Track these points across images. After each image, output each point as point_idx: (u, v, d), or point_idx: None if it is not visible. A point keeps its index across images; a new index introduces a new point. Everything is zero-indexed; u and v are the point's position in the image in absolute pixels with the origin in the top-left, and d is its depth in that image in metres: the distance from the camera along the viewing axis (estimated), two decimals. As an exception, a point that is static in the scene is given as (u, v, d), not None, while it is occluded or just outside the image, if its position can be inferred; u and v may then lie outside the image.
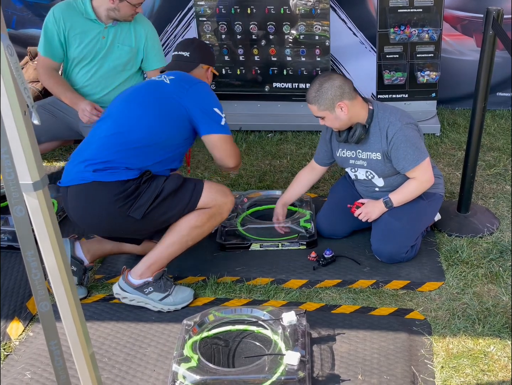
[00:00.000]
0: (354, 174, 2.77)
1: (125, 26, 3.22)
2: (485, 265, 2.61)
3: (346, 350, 2.16)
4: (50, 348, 1.30)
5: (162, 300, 2.42)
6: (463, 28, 4.35)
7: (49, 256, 1.30)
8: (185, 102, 2.39)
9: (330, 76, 2.53)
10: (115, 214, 2.31)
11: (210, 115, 2.42)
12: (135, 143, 2.34)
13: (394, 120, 2.55)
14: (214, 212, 2.42)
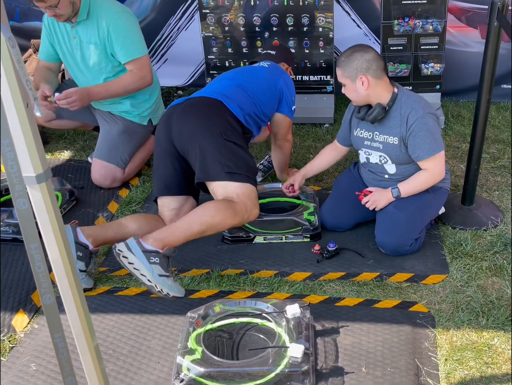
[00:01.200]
0: (366, 157, 2.76)
1: (90, 23, 3.04)
2: (489, 258, 2.60)
3: (350, 342, 2.16)
4: (54, 341, 1.31)
5: (161, 277, 2.30)
6: (467, 19, 4.32)
7: (52, 248, 1.29)
8: (280, 84, 2.95)
9: (364, 48, 2.55)
10: (214, 130, 2.58)
11: (290, 100, 3.01)
12: (247, 91, 2.83)
13: (417, 107, 2.54)
14: (241, 211, 2.45)
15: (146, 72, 3.14)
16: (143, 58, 3.10)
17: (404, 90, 2.65)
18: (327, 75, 4.14)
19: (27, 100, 1.15)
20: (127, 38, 3.04)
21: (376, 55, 2.53)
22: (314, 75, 4.16)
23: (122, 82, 3.12)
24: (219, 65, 4.22)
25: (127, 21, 3.06)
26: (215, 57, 4.19)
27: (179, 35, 4.59)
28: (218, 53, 4.18)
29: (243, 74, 2.96)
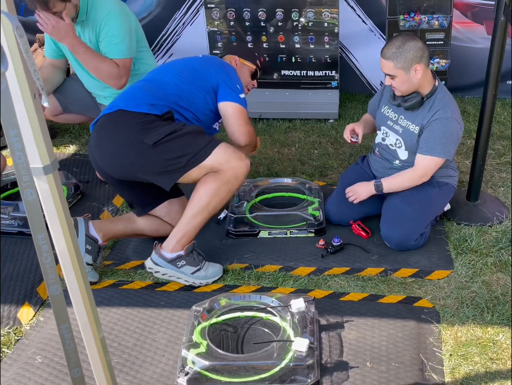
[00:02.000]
0: (382, 137, 2.76)
1: (88, 22, 3.02)
2: (494, 254, 2.60)
3: (354, 337, 2.16)
4: (61, 332, 1.31)
5: (194, 273, 2.48)
6: (473, 15, 4.31)
7: (59, 240, 1.30)
8: (213, 74, 2.62)
9: (412, 36, 2.52)
10: (129, 141, 2.38)
11: (231, 86, 2.62)
12: (163, 88, 2.56)
13: (447, 108, 2.54)
14: (229, 176, 2.39)
15: (124, 74, 3.06)
16: (125, 60, 3.05)
17: (443, 86, 2.64)
18: (332, 71, 4.14)
19: (35, 91, 1.15)
20: (114, 37, 2.99)
21: (424, 43, 2.53)
22: (319, 71, 4.15)
23: (101, 61, 3.00)
24: (224, 60, 4.21)
25: (119, 22, 3.00)
26: (220, 52, 4.19)
27: (184, 30, 4.58)
28: (223, 48, 4.17)
29: (166, 69, 2.71)
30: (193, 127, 2.48)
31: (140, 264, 2.63)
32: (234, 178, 2.42)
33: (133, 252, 2.73)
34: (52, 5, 2.80)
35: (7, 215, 2.86)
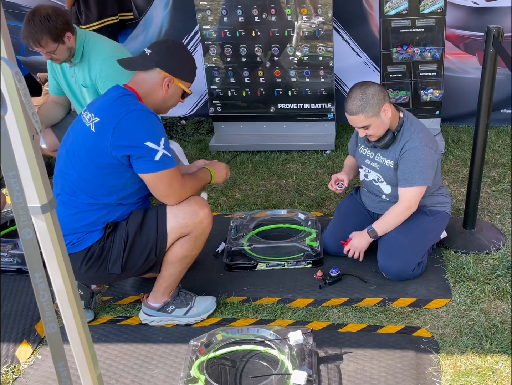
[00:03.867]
0: (365, 174, 2.81)
1: (83, 65, 3.05)
2: (492, 282, 2.60)
3: (353, 369, 2.16)
4: (57, 370, 1.32)
5: (186, 313, 2.49)
6: (465, 46, 4.39)
7: (57, 277, 1.32)
8: (113, 150, 2.13)
9: (366, 83, 2.56)
10: (99, 277, 2.36)
11: (140, 152, 2.12)
12: (84, 204, 2.26)
13: (415, 138, 2.58)
14: (195, 235, 2.32)
15: None
16: None
17: (409, 114, 2.69)
18: (328, 103, 4.20)
19: (33, 133, 1.19)
20: (109, 83, 2.95)
21: (377, 84, 2.59)
22: (315, 103, 4.22)
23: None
24: (222, 95, 4.28)
25: (114, 69, 2.90)
26: (217, 87, 4.26)
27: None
28: (221, 83, 4.25)
29: (67, 172, 2.28)
30: (133, 218, 2.30)
31: (138, 299, 2.64)
32: (200, 234, 2.33)
33: (131, 287, 2.74)
34: (44, 43, 2.85)
35: (6, 252, 2.88)
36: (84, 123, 2.24)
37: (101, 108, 2.22)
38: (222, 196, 3.61)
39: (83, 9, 4.18)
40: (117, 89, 2.26)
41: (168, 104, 2.32)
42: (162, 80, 2.22)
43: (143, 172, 2.18)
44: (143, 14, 4.56)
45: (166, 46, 2.28)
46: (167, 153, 2.16)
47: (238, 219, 3.08)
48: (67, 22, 2.93)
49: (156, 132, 2.15)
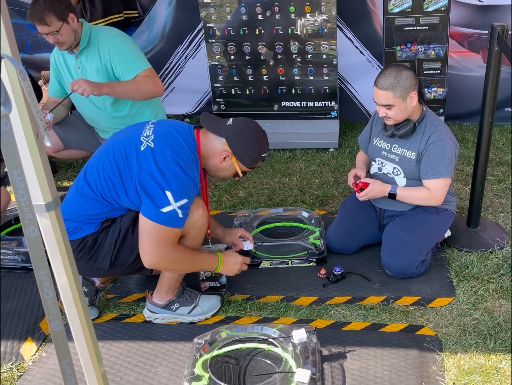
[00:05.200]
0: (379, 167, 2.78)
1: (91, 49, 3.12)
2: (495, 280, 2.60)
3: (357, 367, 2.16)
4: (62, 367, 1.32)
5: (191, 312, 2.49)
6: (469, 44, 4.38)
7: (61, 275, 1.32)
8: (139, 175, 2.17)
9: (403, 66, 2.58)
10: (88, 269, 2.36)
11: (155, 194, 2.13)
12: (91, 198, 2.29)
13: (441, 130, 2.61)
14: (191, 236, 2.31)
15: (157, 79, 3.18)
16: (149, 69, 3.14)
17: (431, 110, 2.71)
18: (331, 101, 4.20)
19: (37, 131, 1.19)
20: (129, 56, 3.09)
21: (413, 71, 2.60)
22: (318, 101, 4.22)
23: (136, 82, 3.10)
24: (225, 93, 4.29)
25: (125, 42, 3.14)
26: (221, 85, 4.27)
27: (186, 63, 4.67)
28: (224, 81, 4.25)
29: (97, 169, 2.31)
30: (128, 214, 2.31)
31: (142, 297, 2.64)
32: (197, 234, 2.32)
33: (136, 285, 2.74)
34: (49, 20, 2.93)
35: (11, 250, 2.89)
36: (141, 134, 2.27)
37: (163, 138, 2.23)
38: (225, 194, 3.61)
39: (88, 6, 4.18)
40: (189, 132, 2.30)
41: (218, 174, 2.41)
42: (222, 151, 2.30)
43: (143, 214, 2.16)
44: (147, 11, 4.56)
45: (244, 125, 2.33)
46: (179, 213, 2.14)
47: (242, 217, 3.08)
48: (70, 4, 3.10)
49: (183, 192, 2.15)
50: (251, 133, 2.34)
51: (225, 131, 2.30)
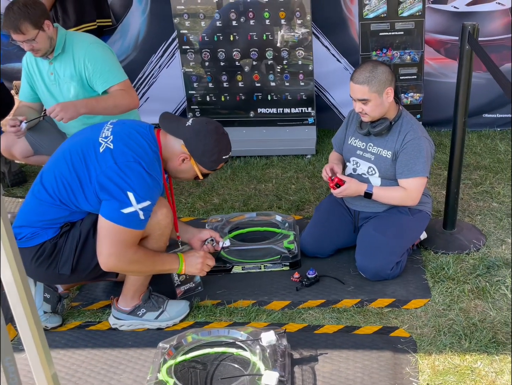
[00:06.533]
0: (353, 167, 2.74)
1: (66, 56, 3.03)
2: (471, 281, 2.54)
3: (328, 370, 2.08)
4: (4, 365, 1.23)
5: (158, 317, 2.40)
6: (446, 51, 4.38)
7: (5, 270, 1.25)
8: (99, 177, 2.10)
9: (379, 61, 2.58)
10: (49, 276, 2.28)
11: (116, 195, 2.06)
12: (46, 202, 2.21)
13: (416, 129, 2.59)
14: (155, 236, 2.24)
15: (133, 92, 3.12)
16: (125, 82, 3.07)
17: (407, 111, 2.68)
18: (308, 107, 4.16)
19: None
20: (104, 66, 3.01)
21: (390, 67, 2.57)
22: (295, 108, 4.18)
23: (113, 98, 3.02)
24: (200, 100, 4.23)
25: (102, 51, 3.05)
26: (196, 92, 4.22)
27: (160, 73, 4.62)
28: (199, 88, 4.20)
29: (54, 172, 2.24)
30: (88, 217, 2.23)
31: (108, 304, 2.54)
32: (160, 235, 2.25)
33: (102, 292, 2.64)
34: (24, 29, 2.84)
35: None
36: (98, 135, 2.20)
37: (123, 139, 2.16)
38: (199, 200, 3.53)
39: (60, 14, 4.13)
40: (149, 132, 2.24)
41: (178, 176, 2.35)
42: (180, 153, 2.23)
43: (103, 215, 2.08)
44: (120, 20, 4.52)
45: (203, 126, 2.26)
46: (140, 215, 2.07)
47: (214, 223, 3.00)
48: (45, 10, 3.00)
49: (146, 194, 2.08)
50: (210, 134, 2.25)
51: (183, 132, 2.24)
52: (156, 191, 2.15)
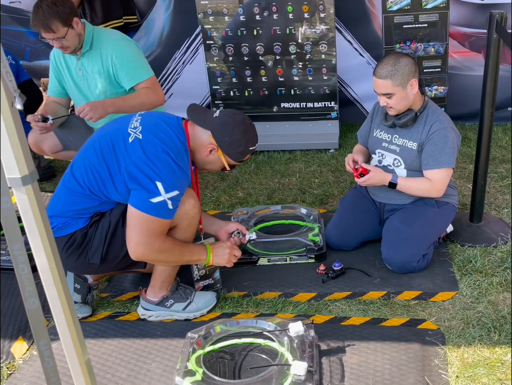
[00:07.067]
0: (379, 159, 2.72)
1: (94, 52, 3.08)
2: (500, 274, 2.52)
3: (356, 361, 2.08)
4: (39, 349, 1.26)
5: (186, 308, 2.42)
6: (471, 44, 4.33)
7: (40, 254, 1.27)
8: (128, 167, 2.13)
9: (402, 53, 2.54)
10: (79, 265, 2.32)
11: (145, 185, 2.09)
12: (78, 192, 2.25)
13: (443, 119, 2.57)
14: (183, 227, 2.26)
15: (159, 90, 3.15)
16: (151, 79, 3.11)
17: (432, 101, 2.66)
18: (331, 102, 4.15)
19: (12, 99, 1.15)
20: (131, 63, 3.05)
21: (413, 58, 2.55)
22: (318, 102, 4.17)
23: (139, 96, 3.06)
24: (224, 95, 4.25)
25: (129, 47, 3.09)
26: (220, 87, 4.23)
27: (184, 69, 4.65)
28: (223, 84, 4.22)
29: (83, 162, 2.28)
30: (118, 207, 2.27)
31: (137, 295, 2.57)
32: (188, 225, 2.27)
33: (130, 284, 2.68)
34: (54, 27, 2.88)
35: (5, 250, 2.84)
36: (128, 126, 2.23)
37: (151, 129, 2.19)
38: (224, 194, 3.55)
39: (88, 12, 4.17)
40: (177, 123, 2.27)
41: (206, 167, 2.37)
42: (208, 144, 2.25)
43: (132, 204, 2.12)
44: (144, 17, 4.55)
45: (230, 117, 2.27)
46: (168, 204, 2.10)
47: (240, 216, 3.02)
48: (74, 8, 3.04)
49: (175, 184, 2.11)
50: (237, 125, 2.26)
51: (210, 123, 2.25)
52: (184, 181, 2.17)
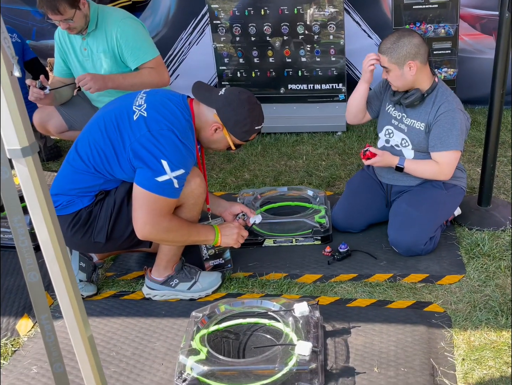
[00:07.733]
0: (386, 139, 2.69)
1: (99, 32, 3.05)
2: (508, 258, 2.49)
3: (361, 342, 2.07)
4: (40, 323, 1.25)
5: (190, 288, 2.41)
6: (482, 26, 4.26)
7: (41, 229, 1.25)
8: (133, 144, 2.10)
9: (410, 32, 2.50)
10: (84, 244, 2.30)
11: (150, 164, 2.06)
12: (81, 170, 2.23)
13: (451, 101, 2.52)
14: (188, 205, 2.24)
15: (163, 70, 3.13)
16: (156, 59, 3.08)
17: (443, 82, 2.61)
18: (339, 83, 4.11)
19: (11, 68, 1.12)
20: (136, 43, 3.03)
21: (422, 40, 2.49)
22: (326, 84, 4.13)
23: (141, 75, 3.05)
24: (231, 76, 4.21)
25: (134, 27, 3.06)
26: (226, 68, 4.19)
27: (190, 50, 4.60)
28: (230, 64, 4.18)
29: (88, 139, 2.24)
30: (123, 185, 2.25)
31: (142, 275, 2.57)
32: (193, 204, 2.25)
33: (136, 263, 2.67)
34: (62, 9, 2.85)
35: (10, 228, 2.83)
36: (132, 103, 2.20)
37: (156, 107, 2.16)
38: (230, 176, 3.53)
39: (97, -11, 4.13)
40: (182, 101, 2.22)
41: (211, 146, 2.33)
42: (213, 122, 2.21)
43: (137, 183, 2.09)
44: (151, -4, 4.51)
45: (236, 96, 2.22)
46: (174, 183, 2.07)
47: (246, 197, 3.00)
48: None
49: (180, 162, 2.08)
50: (243, 104, 2.21)
51: (215, 101, 2.21)
52: (190, 159, 2.14)
